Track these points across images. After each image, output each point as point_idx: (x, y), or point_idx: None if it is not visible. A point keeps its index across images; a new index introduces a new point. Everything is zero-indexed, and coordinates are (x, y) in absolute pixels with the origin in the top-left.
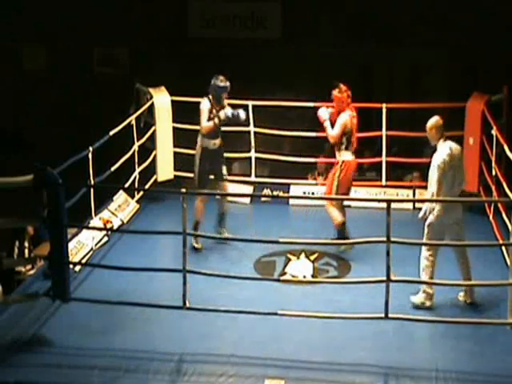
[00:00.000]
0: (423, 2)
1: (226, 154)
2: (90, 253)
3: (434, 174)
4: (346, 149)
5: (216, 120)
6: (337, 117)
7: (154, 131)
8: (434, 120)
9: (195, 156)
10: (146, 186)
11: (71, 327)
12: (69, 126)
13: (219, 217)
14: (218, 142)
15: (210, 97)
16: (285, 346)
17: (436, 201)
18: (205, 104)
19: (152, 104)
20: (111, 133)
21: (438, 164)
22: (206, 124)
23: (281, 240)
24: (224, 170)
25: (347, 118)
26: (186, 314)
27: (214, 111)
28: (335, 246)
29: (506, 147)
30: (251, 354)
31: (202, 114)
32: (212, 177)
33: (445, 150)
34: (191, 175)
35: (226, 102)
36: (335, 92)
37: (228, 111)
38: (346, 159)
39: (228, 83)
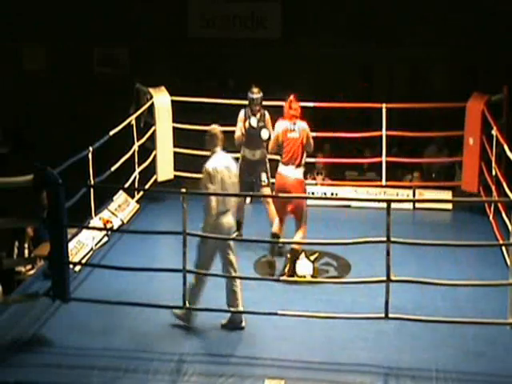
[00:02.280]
0: (423, 2)
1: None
2: (90, 253)
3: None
4: (281, 160)
5: (242, 130)
6: None
7: (154, 131)
8: (209, 128)
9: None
10: (146, 186)
11: (71, 327)
12: (69, 125)
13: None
14: (257, 153)
15: (248, 108)
16: (285, 346)
17: (436, 201)
18: (240, 114)
19: (152, 104)
20: (111, 133)
21: (205, 171)
22: (236, 134)
23: (281, 240)
24: (263, 176)
25: (280, 129)
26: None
27: (247, 122)
28: None
29: (506, 147)
30: (251, 354)
31: (237, 124)
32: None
33: (212, 163)
34: (191, 175)
35: (260, 112)
36: None
37: (252, 120)
38: (278, 171)
39: (257, 95)
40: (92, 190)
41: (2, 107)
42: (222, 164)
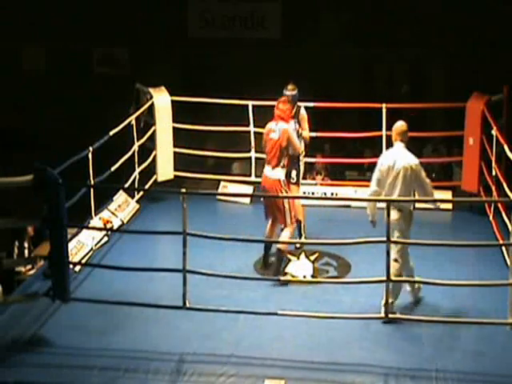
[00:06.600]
0: (423, 2)
1: (225, 154)
2: (90, 253)
3: None
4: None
5: None
6: None
7: (154, 131)
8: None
9: None
10: (146, 186)
11: (71, 327)
12: (69, 125)
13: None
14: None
15: None
16: (285, 346)
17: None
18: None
19: (152, 104)
20: (111, 133)
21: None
22: None
23: (281, 240)
24: (293, 173)
25: (265, 129)
26: (186, 314)
27: None
28: None
29: (506, 147)
30: (251, 354)
31: None
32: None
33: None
34: (191, 175)
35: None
36: None
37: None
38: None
39: (288, 92)
40: (92, 189)
41: (1, 107)
42: None
